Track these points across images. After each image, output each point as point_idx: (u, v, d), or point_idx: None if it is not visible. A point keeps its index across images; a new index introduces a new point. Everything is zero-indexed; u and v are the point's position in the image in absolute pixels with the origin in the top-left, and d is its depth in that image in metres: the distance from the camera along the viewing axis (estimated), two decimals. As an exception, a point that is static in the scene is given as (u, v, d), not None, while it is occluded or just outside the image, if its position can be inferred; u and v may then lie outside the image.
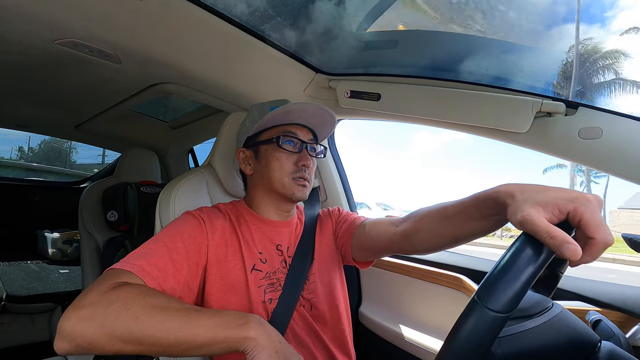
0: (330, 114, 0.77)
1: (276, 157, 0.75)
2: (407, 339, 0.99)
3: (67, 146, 5.45)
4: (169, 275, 0.59)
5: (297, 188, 0.75)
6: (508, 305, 0.34)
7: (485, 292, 0.35)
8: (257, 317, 0.52)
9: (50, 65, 1.02)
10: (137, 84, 1.16)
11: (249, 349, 0.49)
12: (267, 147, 0.77)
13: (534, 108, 0.77)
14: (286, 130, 0.77)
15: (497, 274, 0.35)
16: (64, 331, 0.47)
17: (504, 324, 0.34)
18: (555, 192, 0.40)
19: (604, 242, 0.36)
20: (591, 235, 0.36)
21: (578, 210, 0.37)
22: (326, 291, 0.78)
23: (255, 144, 0.79)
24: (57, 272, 2.11)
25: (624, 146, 0.68)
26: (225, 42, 0.94)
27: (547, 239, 0.35)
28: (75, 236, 2.37)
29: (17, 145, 5.65)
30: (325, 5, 0.92)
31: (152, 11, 0.79)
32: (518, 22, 0.92)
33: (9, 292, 1.74)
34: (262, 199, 0.80)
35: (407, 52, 1.06)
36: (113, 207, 1.54)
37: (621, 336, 0.44)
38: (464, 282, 0.93)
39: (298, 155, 0.76)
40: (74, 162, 5.62)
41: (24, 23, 0.77)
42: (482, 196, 0.51)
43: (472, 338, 0.35)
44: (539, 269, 0.35)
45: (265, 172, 0.77)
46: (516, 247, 0.37)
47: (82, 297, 0.50)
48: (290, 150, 0.76)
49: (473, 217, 0.55)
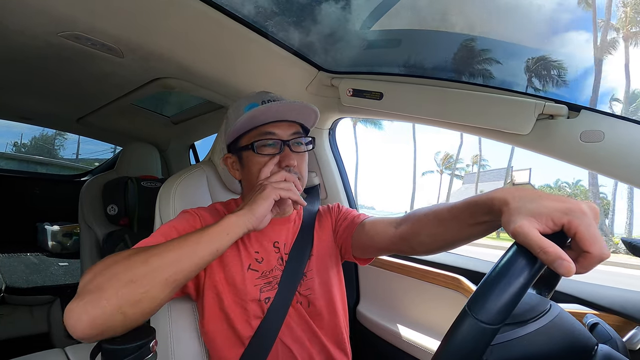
0: (311, 108, 0.72)
1: (256, 163, 0.72)
2: (404, 339, 0.99)
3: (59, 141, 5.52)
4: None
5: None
6: (498, 317, 0.34)
7: (475, 303, 0.35)
8: (229, 218, 0.61)
9: (53, 57, 1.01)
10: (139, 78, 1.16)
11: (234, 232, 0.61)
12: (247, 153, 0.73)
13: (537, 110, 0.77)
14: (262, 132, 0.71)
15: (488, 285, 0.35)
16: (72, 310, 0.47)
17: (494, 335, 0.34)
18: (549, 202, 0.39)
19: (599, 256, 0.35)
20: (587, 249, 0.35)
21: (573, 223, 0.36)
22: (323, 288, 0.78)
23: (236, 149, 0.76)
24: (56, 265, 2.12)
25: (626, 150, 0.68)
26: (228, 38, 0.94)
27: (540, 253, 0.35)
28: (75, 229, 2.37)
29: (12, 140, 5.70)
30: (329, 3, 0.92)
31: (155, 5, 0.79)
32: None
33: (8, 283, 1.74)
34: None
35: (410, 51, 1.06)
36: (113, 201, 1.55)
37: (618, 340, 0.44)
38: (462, 282, 0.93)
39: (280, 156, 0.72)
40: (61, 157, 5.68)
41: (27, 15, 0.77)
42: (477, 202, 0.51)
43: (462, 349, 0.35)
44: (530, 281, 0.35)
45: (249, 177, 0.74)
46: (508, 258, 0.37)
47: (81, 278, 0.52)
48: (270, 153, 0.71)
49: (467, 222, 0.54)
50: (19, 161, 4.81)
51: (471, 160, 29.97)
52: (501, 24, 0.93)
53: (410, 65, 1.07)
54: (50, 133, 5.18)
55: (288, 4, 0.94)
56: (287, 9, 0.94)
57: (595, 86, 17.68)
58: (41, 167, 4.86)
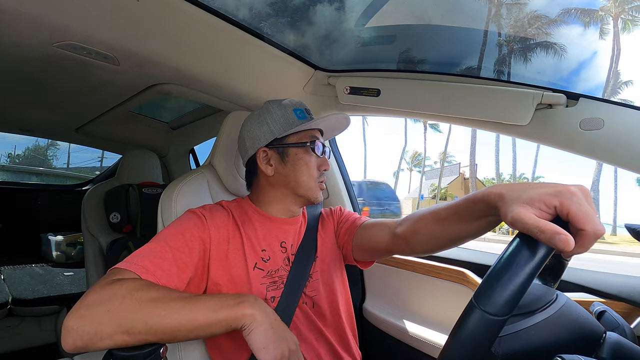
0: (348, 122, 0.82)
1: (306, 162, 0.77)
2: (412, 334, 0.99)
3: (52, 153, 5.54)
4: (173, 275, 0.60)
5: (319, 192, 0.79)
6: (505, 308, 0.34)
7: (482, 296, 0.35)
8: (252, 295, 0.55)
9: (50, 68, 1.01)
10: (136, 85, 1.16)
11: (246, 325, 0.52)
12: (297, 151, 0.77)
13: (535, 100, 0.76)
14: (314, 135, 0.78)
15: (494, 277, 0.35)
16: (70, 328, 0.48)
17: (502, 327, 0.34)
18: (540, 189, 0.40)
19: (594, 232, 0.36)
20: (580, 227, 0.36)
21: (564, 204, 0.37)
22: (328, 289, 0.79)
23: (283, 145, 0.77)
24: (61, 275, 2.13)
25: (626, 136, 0.68)
26: (223, 41, 0.94)
27: (537, 233, 0.36)
28: (78, 238, 2.38)
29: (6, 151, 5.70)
30: (323, 2, 0.92)
31: (149, 12, 0.79)
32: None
33: (14, 295, 1.75)
34: (276, 199, 0.79)
35: (406, 46, 1.06)
36: (115, 209, 1.55)
37: (626, 327, 0.44)
38: (467, 276, 0.93)
39: (321, 160, 0.79)
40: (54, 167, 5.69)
41: (21, 26, 0.77)
42: (473, 199, 0.52)
43: (470, 341, 0.35)
44: (535, 270, 0.35)
45: (292, 174, 0.77)
46: (512, 249, 0.37)
47: (85, 296, 0.51)
48: (319, 155, 0.78)
49: (465, 219, 0.56)
50: (13, 172, 4.82)
51: (438, 157, 31.98)
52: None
53: (406, 61, 1.07)
54: (43, 144, 5.20)
55: (282, 5, 0.94)
56: (281, 9, 0.94)
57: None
58: (36, 177, 4.86)
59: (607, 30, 18.03)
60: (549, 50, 10.43)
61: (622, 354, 0.37)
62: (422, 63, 1.05)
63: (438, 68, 0.96)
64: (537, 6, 8.05)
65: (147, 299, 0.51)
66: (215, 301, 0.53)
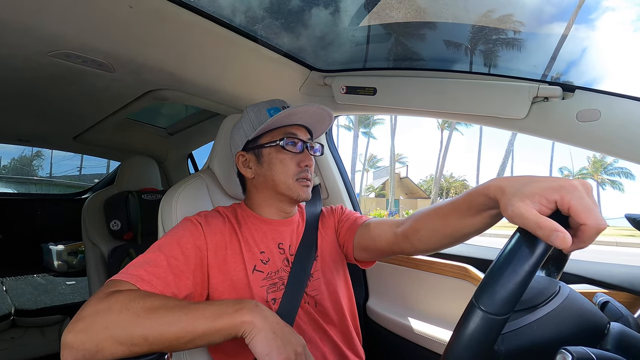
0: (328, 113, 0.78)
1: (280, 160, 0.76)
2: (416, 331, 0.99)
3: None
4: (169, 282, 0.59)
5: (301, 189, 0.77)
6: (505, 307, 0.34)
7: (482, 295, 0.35)
8: (252, 301, 0.54)
9: (45, 78, 1.01)
10: (132, 91, 1.16)
11: (247, 332, 0.51)
12: (269, 150, 0.77)
13: (531, 93, 0.77)
14: (288, 132, 0.77)
15: (493, 275, 0.35)
16: (68, 342, 0.48)
17: (504, 325, 0.34)
18: (541, 183, 0.40)
19: (595, 227, 0.35)
20: (582, 221, 0.36)
21: (565, 198, 0.37)
22: (330, 288, 0.79)
23: (256, 147, 0.79)
24: (63, 284, 2.12)
25: (623, 127, 0.68)
26: (218, 45, 0.94)
27: (536, 229, 0.35)
28: (79, 247, 2.37)
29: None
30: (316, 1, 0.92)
31: (143, 18, 0.79)
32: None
33: (17, 306, 1.75)
34: (264, 201, 0.80)
35: (400, 44, 1.06)
36: (116, 216, 1.55)
37: (630, 316, 0.44)
38: (470, 271, 0.93)
39: (300, 156, 0.77)
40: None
41: (15, 36, 0.77)
42: (474, 193, 0.52)
43: (472, 342, 0.34)
44: (535, 267, 0.34)
45: (269, 175, 0.77)
46: (511, 246, 0.37)
47: (82, 309, 0.51)
48: (294, 152, 0.76)
49: (467, 213, 0.55)
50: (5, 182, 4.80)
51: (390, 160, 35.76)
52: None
53: (401, 58, 1.07)
54: (28, 154, 5.18)
55: (276, 6, 0.94)
56: (275, 11, 0.94)
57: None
58: (21, 186, 4.81)
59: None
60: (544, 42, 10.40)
61: (626, 344, 0.37)
62: (417, 60, 1.05)
63: (433, 65, 0.97)
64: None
65: (144, 311, 0.50)
66: (213, 309, 0.52)
